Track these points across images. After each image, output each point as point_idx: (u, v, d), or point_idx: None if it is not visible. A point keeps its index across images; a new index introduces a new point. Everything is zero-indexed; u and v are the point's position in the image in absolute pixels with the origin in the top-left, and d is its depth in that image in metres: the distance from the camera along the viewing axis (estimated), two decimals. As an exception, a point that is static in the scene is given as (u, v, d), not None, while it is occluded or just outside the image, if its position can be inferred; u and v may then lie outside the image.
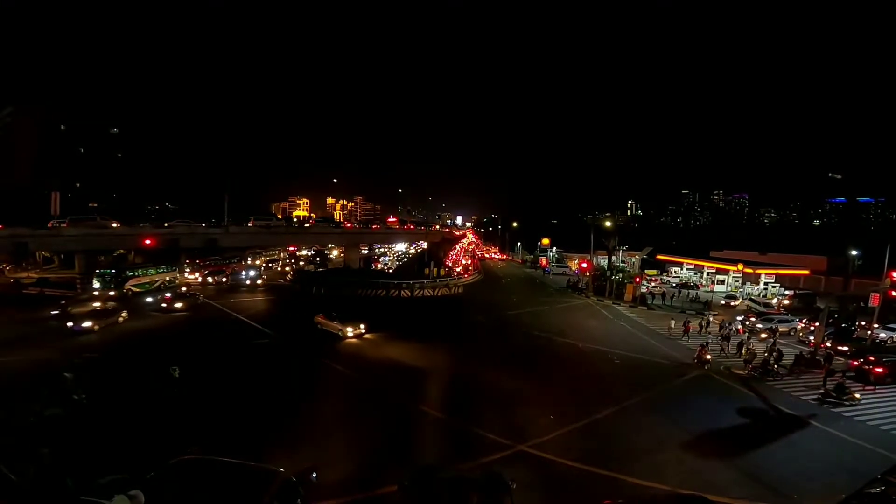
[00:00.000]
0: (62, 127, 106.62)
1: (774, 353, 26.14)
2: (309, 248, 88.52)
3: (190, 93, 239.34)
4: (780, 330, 34.72)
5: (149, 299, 37.72)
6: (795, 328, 35.71)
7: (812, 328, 33.07)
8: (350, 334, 28.46)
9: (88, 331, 27.47)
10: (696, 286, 58.77)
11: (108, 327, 28.71)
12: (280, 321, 32.71)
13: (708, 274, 62.09)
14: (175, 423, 15.34)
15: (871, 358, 25.55)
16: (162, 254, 57.66)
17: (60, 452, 11.97)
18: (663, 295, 50.07)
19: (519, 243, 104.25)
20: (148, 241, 48.54)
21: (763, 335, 33.49)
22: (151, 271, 46.24)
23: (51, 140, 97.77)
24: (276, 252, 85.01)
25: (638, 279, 52.23)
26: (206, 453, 10.36)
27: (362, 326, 29.23)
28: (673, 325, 33.73)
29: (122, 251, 60.54)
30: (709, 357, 26.09)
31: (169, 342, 26.42)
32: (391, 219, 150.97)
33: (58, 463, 11.28)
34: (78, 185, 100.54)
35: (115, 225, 53.94)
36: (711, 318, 37.68)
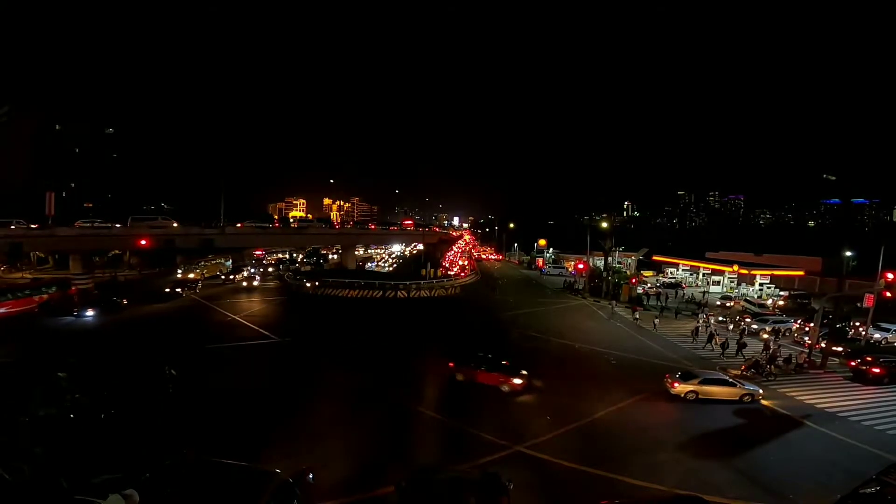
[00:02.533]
0: (57, 127, 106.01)
1: (770, 353, 26.37)
2: (292, 251, 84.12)
3: (186, 93, 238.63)
4: (767, 331, 34.97)
5: None
6: (790, 329, 35.90)
7: (807, 329, 33.25)
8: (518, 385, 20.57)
9: None
10: (681, 286, 59.01)
11: None
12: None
13: (704, 275, 62.31)
14: (170, 422, 15.30)
15: (869, 358, 25.74)
16: (158, 255, 57.46)
17: (55, 452, 11.91)
18: (658, 296, 50.19)
19: (516, 244, 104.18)
20: (143, 242, 48.08)
21: (765, 335, 33.82)
22: None
23: (46, 140, 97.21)
24: (219, 258, 62.05)
25: (634, 280, 52.36)
26: (203, 454, 10.36)
27: (524, 372, 21.20)
28: (637, 316, 38.24)
29: (117, 252, 60.23)
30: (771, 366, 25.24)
31: None
32: (407, 221, 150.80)
33: (52, 462, 11.23)
34: (73, 185, 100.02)
35: (175, 225, 56.18)
36: (704, 318, 37.96)
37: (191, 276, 50.73)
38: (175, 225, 56.32)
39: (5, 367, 20.45)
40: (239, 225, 64.47)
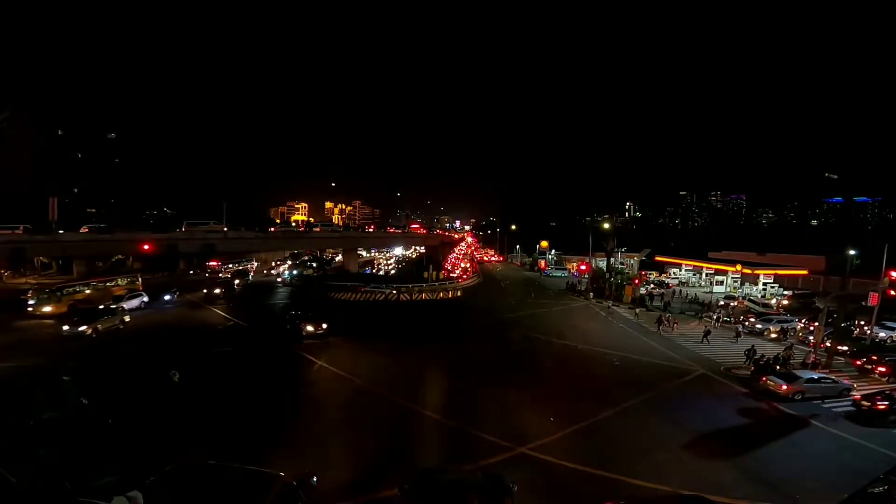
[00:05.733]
0: (59, 132, 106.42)
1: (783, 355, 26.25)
2: (292, 257, 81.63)
3: (188, 97, 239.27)
4: (775, 330, 34.88)
5: None
6: (795, 328, 35.77)
7: (811, 328, 33.13)
8: None
9: None
10: (666, 285, 58.87)
11: None
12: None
13: (707, 275, 62.19)
14: (174, 426, 15.30)
15: (874, 357, 25.67)
16: (160, 259, 57.53)
17: (58, 455, 11.96)
18: (661, 295, 50.08)
19: (517, 246, 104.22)
20: (146, 247, 48.27)
21: (773, 335, 33.79)
22: None
23: (48, 145, 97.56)
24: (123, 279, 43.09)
25: (637, 280, 52.24)
26: (207, 458, 10.34)
27: None
28: (609, 305, 44.23)
29: (120, 256, 60.43)
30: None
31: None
32: (414, 225, 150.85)
33: (56, 465, 11.27)
34: (76, 190, 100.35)
35: (224, 229, 56.24)
36: (714, 318, 38.10)
37: (47, 308, 32.57)
38: (224, 229, 57.23)
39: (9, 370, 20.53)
40: (272, 229, 65.56)
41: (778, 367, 25.25)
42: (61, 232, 48.37)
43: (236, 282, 48.23)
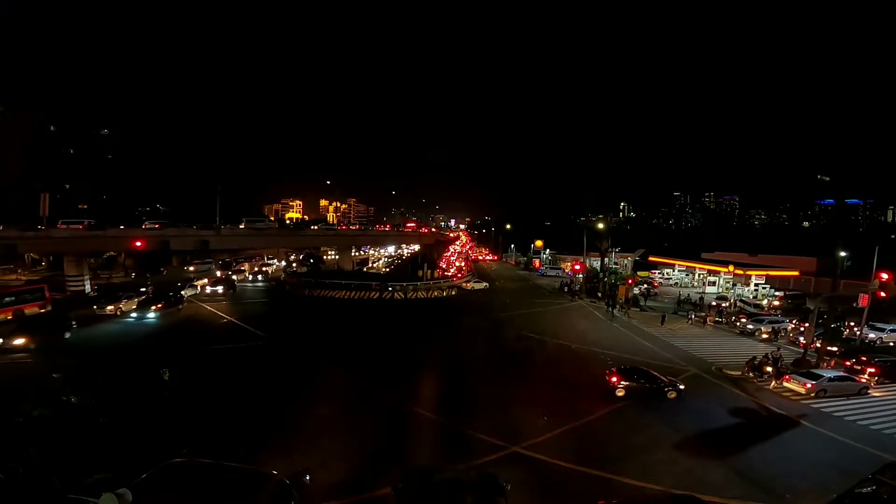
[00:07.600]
0: (52, 128, 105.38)
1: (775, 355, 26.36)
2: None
3: (183, 93, 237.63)
4: (766, 331, 35.12)
5: None
6: (786, 329, 36.03)
7: (802, 329, 33.39)
8: None
9: None
10: (652, 284, 59.24)
11: None
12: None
13: (700, 275, 62.56)
14: (165, 424, 15.24)
15: (864, 358, 25.90)
16: (152, 256, 57.10)
17: (48, 452, 11.90)
18: (652, 294, 50.37)
19: (512, 245, 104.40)
20: (138, 243, 47.79)
21: (764, 335, 33.99)
22: None
23: (40, 141, 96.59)
24: None
25: (630, 281, 52.43)
26: (199, 456, 10.32)
27: None
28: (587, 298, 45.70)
29: (112, 253, 59.95)
30: (769, 370, 24.60)
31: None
32: (409, 224, 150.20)
33: (46, 462, 11.22)
34: (67, 186, 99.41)
35: (276, 226, 57.66)
36: (693, 317, 38.53)
37: None
38: (276, 226, 57.57)
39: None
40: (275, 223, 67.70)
41: (772, 368, 25.36)
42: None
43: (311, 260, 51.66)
